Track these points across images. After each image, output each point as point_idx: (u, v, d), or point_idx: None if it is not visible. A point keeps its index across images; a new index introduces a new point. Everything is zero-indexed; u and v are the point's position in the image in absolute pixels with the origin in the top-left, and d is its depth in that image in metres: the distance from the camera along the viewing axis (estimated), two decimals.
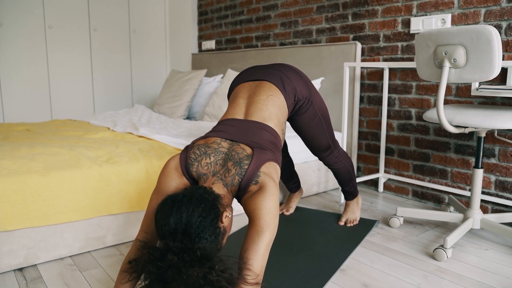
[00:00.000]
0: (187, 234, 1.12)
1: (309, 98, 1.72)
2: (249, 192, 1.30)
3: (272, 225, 1.23)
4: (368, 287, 1.53)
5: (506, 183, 2.15)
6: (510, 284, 1.55)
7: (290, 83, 1.66)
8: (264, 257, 1.20)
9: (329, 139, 1.90)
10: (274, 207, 1.25)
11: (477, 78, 1.63)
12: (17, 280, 1.59)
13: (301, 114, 1.76)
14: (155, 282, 1.07)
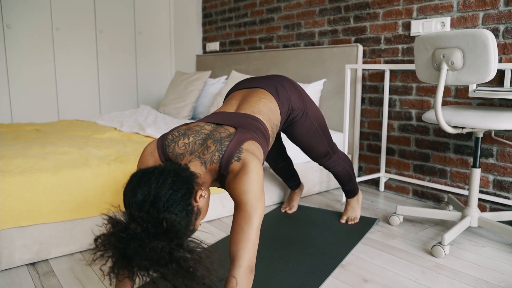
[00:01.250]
0: (155, 207, 1.05)
1: (304, 110, 1.73)
2: (232, 173, 1.24)
3: (259, 209, 1.19)
4: (367, 282, 1.59)
5: (504, 183, 2.21)
6: (505, 279, 1.61)
7: (284, 92, 1.66)
8: (255, 243, 1.17)
9: (327, 146, 1.92)
10: (260, 189, 1.21)
11: (473, 80, 1.69)
12: (30, 274, 1.65)
13: (297, 125, 1.76)
14: (118, 258, 1.01)
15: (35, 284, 1.57)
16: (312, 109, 1.78)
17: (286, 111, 1.65)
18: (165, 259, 0.98)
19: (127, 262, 1.00)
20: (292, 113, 1.70)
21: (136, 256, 0.98)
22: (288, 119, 1.71)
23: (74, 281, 1.60)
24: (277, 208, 2.42)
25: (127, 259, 1.00)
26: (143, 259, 0.98)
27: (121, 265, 1.01)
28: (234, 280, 1.12)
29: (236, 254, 1.14)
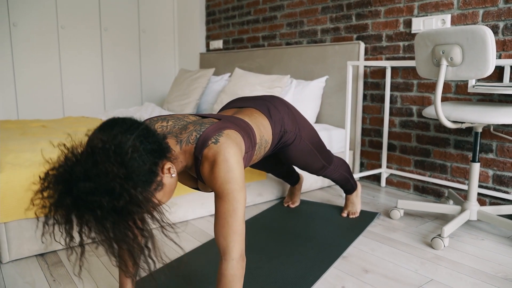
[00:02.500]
0: (120, 147, 0.96)
1: (297, 133, 1.67)
2: (207, 159, 1.16)
3: (242, 199, 1.16)
4: (368, 272, 1.63)
5: (503, 177, 2.24)
6: (503, 269, 1.64)
7: (277, 113, 1.59)
8: (242, 233, 1.16)
9: (323, 161, 1.89)
10: (241, 177, 1.16)
11: (472, 76, 1.72)
12: (39, 264, 1.70)
13: (290, 148, 1.71)
14: (60, 180, 0.93)
15: (44, 274, 1.62)
16: (306, 131, 1.73)
17: (278, 132, 1.58)
18: (112, 188, 0.91)
19: (69, 188, 0.91)
20: (284, 135, 1.63)
21: (80, 182, 0.91)
22: (280, 141, 1.63)
23: (82, 271, 1.65)
24: (279, 202, 2.46)
25: (69, 179, 0.92)
26: (90, 180, 0.91)
27: (62, 196, 0.92)
28: (229, 273, 1.14)
29: (226, 247, 1.14)
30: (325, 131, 2.79)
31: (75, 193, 0.91)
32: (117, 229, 0.94)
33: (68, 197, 0.92)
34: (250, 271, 1.61)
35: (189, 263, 1.70)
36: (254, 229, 2.04)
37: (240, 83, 3.15)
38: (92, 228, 0.94)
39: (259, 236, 1.96)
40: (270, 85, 2.98)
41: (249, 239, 1.92)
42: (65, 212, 0.93)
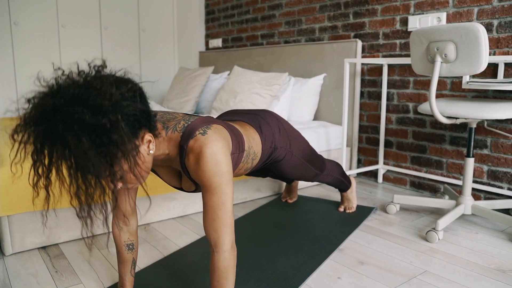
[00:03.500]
0: (114, 84, 0.95)
1: (288, 149, 1.65)
2: (193, 152, 1.14)
3: (230, 192, 1.16)
4: (363, 264, 1.66)
5: (498, 173, 2.28)
6: (496, 261, 1.68)
7: (268, 129, 1.56)
8: (232, 224, 1.16)
9: (316, 170, 1.88)
10: (229, 171, 1.16)
11: (466, 72, 1.76)
12: (41, 257, 1.73)
13: (282, 164, 1.69)
14: (49, 92, 0.91)
15: (46, 265, 1.65)
16: (297, 145, 1.70)
17: (268, 148, 1.55)
18: (101, 106, 0.88)
19: (55, 96, 0.89)
20: (275, 151, 1.59)
21: (74, 86, 0.89)
22: (270, 157, 1.60)
23: (84, 263, 1.68)
24: (277, 198, 2.49)
25: (59, 91, 0.89)
26: (79, 90, 0.89)
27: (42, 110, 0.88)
28: (222, 265, 1.16)
29: (217, 240, 1.15)
30: (323, 128, 2.83)
31: (58, 101, 0.88)
32: (91, 155, 0.87)
33: (51, 100, 0.88)
34: (248, 263, 1.65)
35: (187, 255, 1.73)
36: (252, 223, 2.08)
37: (239, 81, 3.18)
38: (64, 147, 0.87)
39: (257, 229, 1.99)
40: (268, 82, 3.02)
41: (247, 233, 1.96)
42: (44, 124, 0.87)
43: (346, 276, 1.56)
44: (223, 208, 1.15)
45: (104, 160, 0.90)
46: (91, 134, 0.88)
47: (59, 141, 0.87)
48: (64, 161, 0.89)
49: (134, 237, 1.38)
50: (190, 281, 1.51)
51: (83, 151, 0.87)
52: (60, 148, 0.87)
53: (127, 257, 1.38)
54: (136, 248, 1.40)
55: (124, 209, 1.33)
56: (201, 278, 1.53)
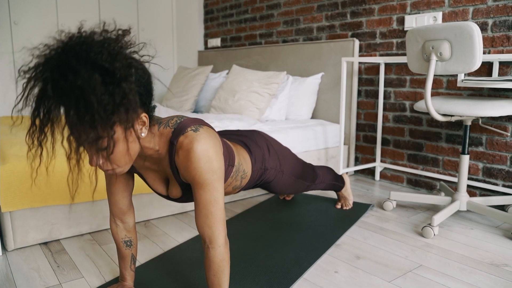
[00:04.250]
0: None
1: (278, 169, 1.64)
2: (182, 148, 1.13)
3: (222, 187, 1.17)
4: (360, 259, 1.70)
5: (493, 170, 2.31)
6: (490, 256, 1.71)
7: (258, 150, 1.55)
8: (224, 219, 1.18)
9: (307, 183, 1.88)
10: (220, 167, 1.16)
11: (460, 70, 1.79)
12: (43, 252, 1.76)
13: (273, 184, 1.68)
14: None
15: (48, 261, 1.68)
16: (287, 163, 1.68)
17: (258, 170, 1.54)
18: (116, 54, 0.92)
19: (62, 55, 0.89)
20: (265, 173, 1.58)
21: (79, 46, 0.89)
22: (260, 178, 1.59)
23: (85, 258, 1.71)
24: (275, 195, 2.52)
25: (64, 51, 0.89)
26: (92, 39, 0.91)
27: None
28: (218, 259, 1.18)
29: (212, 236, 1.17)
30: (320, 126, 2.86)
31: (76, 40, 0.91)
32: (98, 92, 0.88)
33: (68, 39, 0.91)
34: (247, 257, 1.68)
35: (186, 251, 1.76)
36: (251, 219, 2.10)
37: (237, 80, 3.21)
38: (75, 79, 0.87)
39: (256, 225, 2.02)
40: (267, 81, 3.05)
41: (246, 229, 1.99)
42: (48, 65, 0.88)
43: (343, 270, 1.59)
44: (215, 205, 1.16)
45: (107, 107, 0.89)
46: (104, 75, 0.89)
47: (70, 74, 0.86)
48: (68, 98, 0.87)
49: (131, 234, 1.41)
50: (189, 275, 1.54)
51: (92, 86, 0.87)
52: (70, 80, 0.86)
53: (126, 253, 1.41)
54: (135, 244, 1.42)
55: (119, 207, 1.35)
56: (200, 272, 1.56)
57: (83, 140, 0.92)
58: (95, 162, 0.99)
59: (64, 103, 0.88)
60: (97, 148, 0.95)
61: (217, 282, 1.19)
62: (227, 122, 2.60)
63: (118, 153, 1.00)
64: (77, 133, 0.91)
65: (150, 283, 1.48)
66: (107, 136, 0.94)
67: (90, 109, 0.88)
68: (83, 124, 0.89)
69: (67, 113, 0.89)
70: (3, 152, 1.87)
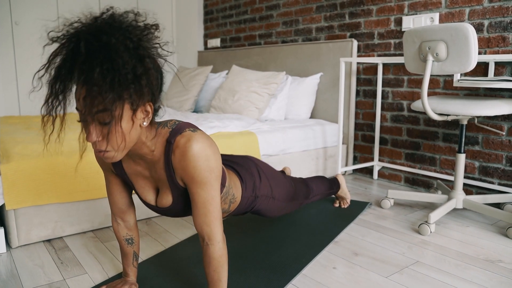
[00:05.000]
0: None
1: (270, 195, 1.61)
2: (179, 147, 1.14)
3: (219, 185, 1.19)
4: (358, 255, 1.73)
5: (489, 168, 2.35)
6: (485, 252, 1.75)
7: (249, 177, 1.53)
8: (221, 217, 1.21)
9: (301, 200, 1.85)
10: (218, 166, 1.18)
11: (456, 70, 1.83)
12: (47, 249, 1.79)
13: (266, 211, 1.65)
14: None
15: (52, 257, 1.71)
16: (278, 188, 1.65)
17: (249, 197, 1.51)
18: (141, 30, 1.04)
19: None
20: (256, 200, 1.55)
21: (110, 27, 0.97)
22: (251, 206, 1.57)
23: (88, 254, 1.74)
24: None
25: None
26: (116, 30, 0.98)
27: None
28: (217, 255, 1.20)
29: (211, 234, 1.19)
30: (319, 126, 2.90)
31: (109, 15, 1.02)
32: (125, 57, 0.96)
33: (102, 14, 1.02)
34: (247, 254, 1.71)
35: (187, 247, 1.79)
36: (251, 216, 2.14)
37: (237, 80, 3.25)
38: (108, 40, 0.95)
39: (255, 222, 2.06)
40: (266, 81, 3.08)
41: (245, 226, 2.02)
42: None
43: (341, 266, 1.63)
44: (213, 203, 1.18)
45: (128, 75, 0.96)
46: (131, 46, 0.97)
47: (104, 36, 0.95)
48: (98, 56, 0.93)
49: (132, 232, 1.44)
50: (190, 271, 1.57)
51: (121, 50, 0.95)
52: (103, 41, 0.94)
53: (128, 250, 1.44)
54: (137, 242, 1.45)
55: (118, 206, 1.38)
56: (200, 268, 1.59)
57: (95, 105, 0.96)
58: (92, 137, 1.01)
59: (93, 60, 0.93)
60: (100, 120, 0.99)
61: (217, 277, 1.23)
62: (227, 121, 2.63)
63: (116, 132, 1.02)
64: (92, 97, 0.95)
65: (152, 279, 1.51)
66: (113, 110, 0.98)
67: (114, 70, 0.94)
68: (102, 86, 0.94)
69: (91, 72, 0.93)
70: (7, 151, 1.90)
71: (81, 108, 0.99)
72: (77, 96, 0.99)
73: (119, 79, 0.95)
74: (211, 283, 1.24)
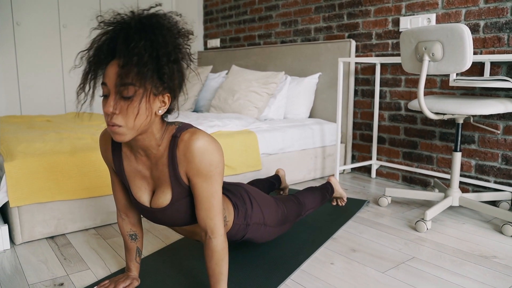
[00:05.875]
0: None
1: (262, 222, 1.59)
2: (185, 142, 1.18)
3: (222, 182, 1.24)
4: (355, 251, 1.76)
5: (485, 167, 2.38)
6: (479, 248, 1.78)
7: (242, 205, 1.52)
8: (222, 211, 1.25)
9: (295, 219, 1.82)
10: (222, 162, 1.21)
11: (452, 70, 1.86)
12: (50, 246, 1.83)
13: (257, 239, 1.63)
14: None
15: (55, 253, 1.75)
16: (270, 215, 1.62)
17: (240, 224, 1.50)
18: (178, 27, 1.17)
19: None
20: (247, 228, 1.54)
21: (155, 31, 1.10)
22: (242, 234, 1.55)
23: (91, 251, 1.78)
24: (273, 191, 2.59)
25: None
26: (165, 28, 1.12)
27: None
28: (220, 248, 1.25)
29: (213, 227, 1.23)
30: (318, 125, 2.93)
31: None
32: (170, 40, 1.11)
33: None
34: (247, 249, 1.74)
35: (187, 243, 1.83)
36: None
37: (236, 80, 3.28)
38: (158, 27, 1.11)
39: None
40: (265, 81, 3.11)
41: None
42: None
43: (339, 262, 1.66)
44: (216, 197, 1.22)
45: (170, 57, 1.09)
46: (174, 35, 1.13)
47: (154, 18, 1.12)
48: (146, 31, 1.08)
49: (136, 228, 1.48)
50: (190, 266, 1.60)
51: (169, 33, 1.11)
52: (154, 21, 1.11)
53: (132, 245, 1.47)
54: (141, 238, 1.49)
55: (122, 203, 1.43)
56: (200, 262, 1.63)
57: (125, 77, 1.06)
58: (110, 107, 1.08)
59: (141, 33, 1.07)
60: (123, 93, 1.08)
61: (218, 271, 1.26)
62: (227, 121, 2.67)
63: (134, 108, 1.09)
64: (126, 68, 1.06)
65: (154, 274, 1.55)
66: (138, 87, 1.08)
67: (155, 48, 1.07)
68: (141, 58, 1.05)
69: (137, 42, 1.05)
70: (10, 149, 1.93)
71: (110, 79, 1.09)
72: (108, 70, 1.10)
73: (157, 56, 1.07)
74: (212, 276, 1.27)
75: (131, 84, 1.07)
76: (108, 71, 1.10)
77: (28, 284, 1.49)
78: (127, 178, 1.32)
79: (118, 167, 1.32)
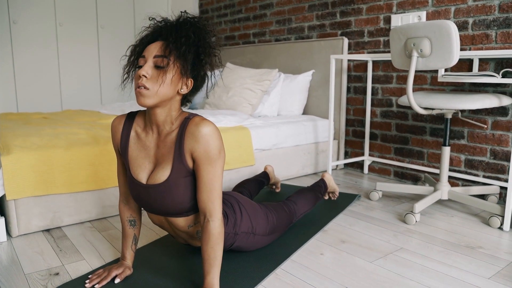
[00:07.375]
0: None
1: (251, 232, 1.60)
2: (196, 123, 1.29)
3: (223, 167, 1.32)
4: (345, 243, 1.81)
5: (474, 161, 2.43)
6: (466, 240, 1.83)
7: (232, 214, 1.54)
8: (221, 197, 1.32)
9: (287, 225, 1.82)
10: (224, 150, 1.34)
11: (439, 66, 1.90)
12: (46, 238, 1.86)
13: (248, 248, 1.65)
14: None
15: (51, 245, 1.78)
16: (260, 224, 1.64)
17: (229, 233, 1.52)
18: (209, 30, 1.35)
19: None
20: (235, 237, 1.56)
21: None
22: (230, 243, 1.56)
23: (86, 243, 1.81)
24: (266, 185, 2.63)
25: None
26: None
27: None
28: (217, 231, 1.30)
29: (212, 210, 1.30)
30: (311, 122, 2.97)
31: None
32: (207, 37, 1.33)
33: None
34: None
35: None
36: None
37: (231, 77, 3.32)
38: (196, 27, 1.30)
39: None
40: (259, 78, 3.15)
41: None
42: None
43: (328, 252, 1.70)
44: (218, 181, 1.30)
45: (206, 49, 1.32)
46: (211, 38, 1.36)
47: (193, 19, 1.32)
48: (186, 27, 1.29)
49: (136, 214, 1.53)
50: (182, 257, 1.64)
51: (206, 31, 1.33)
52: (192, 19, 1.32)
53: (129, 232, 1.52)
54: (139, 225, 1.54)
55: (126, 187, 1.50)
56: (192, 253, 1.67)
57: (162, 51, 1.26)
58: (144, 71, 1.24)
59: (183, 25, 1.29)
60: (158, 63, 1.26)
61: (213, 255, 1.30)
62: (221, 117, 2.71)
63: (161, 77, 1.26)
64: (165, 45, 1.27)
65: (147, 263, 1.58)
66: (171, 61, 1.26)
67: (192, 37, 1.27)
68: (179, 39, 1.26)
69: (187, 29, 1.28)
70: (7, 144, 1.96)
71: (149, 52, 1.27)
72: (150, 46, 1.29)
73: (199, 44, 1.28)
74: (207, 260, 1.31)
75: (167, 57, 1.25)
76: (150, 46, 1.28)
77: (24, 273, 1.53)
78: (128, 157, 1.40)
79: (123, 146, 1.40)
